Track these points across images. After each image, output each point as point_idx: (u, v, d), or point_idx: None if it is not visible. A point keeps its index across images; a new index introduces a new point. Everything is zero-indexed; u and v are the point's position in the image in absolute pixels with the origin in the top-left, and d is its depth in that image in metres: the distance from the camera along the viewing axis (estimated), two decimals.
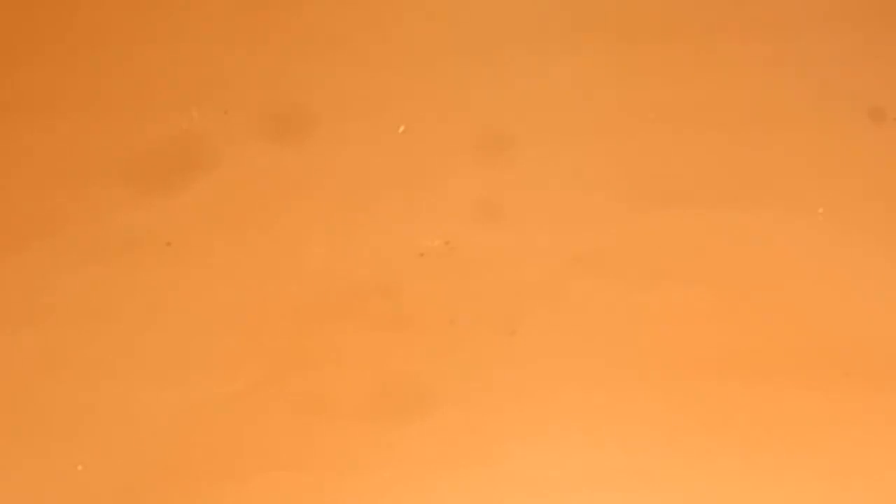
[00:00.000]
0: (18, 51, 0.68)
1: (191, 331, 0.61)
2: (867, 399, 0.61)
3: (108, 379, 0.60)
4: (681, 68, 0.69)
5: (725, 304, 0.63)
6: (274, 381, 0.60)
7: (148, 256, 0.63)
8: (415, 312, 0.62)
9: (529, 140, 0.67)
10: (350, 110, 0.64)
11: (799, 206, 0.66)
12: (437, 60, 0.69)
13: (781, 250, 0.65)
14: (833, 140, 0.68)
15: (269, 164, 0.65)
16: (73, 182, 0.64)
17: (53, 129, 0.66)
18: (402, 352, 0.61)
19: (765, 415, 0.60)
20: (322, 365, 0.61)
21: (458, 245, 0.63)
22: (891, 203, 0.66)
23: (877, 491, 0.59)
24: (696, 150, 0.67)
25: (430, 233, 0.63)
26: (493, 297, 0.63)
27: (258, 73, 0.62)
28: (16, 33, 0.68)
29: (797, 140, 0.67)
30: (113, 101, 0.67)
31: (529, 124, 0.67)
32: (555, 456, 0.59)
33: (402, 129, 0.66)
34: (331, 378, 0.60)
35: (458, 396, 0.60)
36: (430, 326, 0.62)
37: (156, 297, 0.62)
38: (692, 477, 0.59)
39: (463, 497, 0.58)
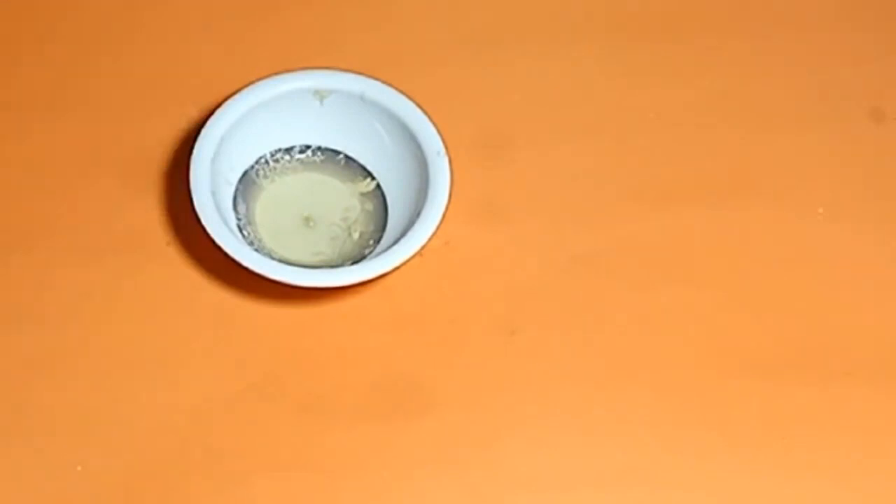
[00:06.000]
0: (19, 51, 0.68)
1: (191, 331, 0.61)
2: (868, 398, 0.61)
3: (108, 379, 0.60)
4: (681, 68, 0.69)
5: (725, 303, 0.63)
6: (274, 381, 0.60)
7: (148, 256, 0.63)
8: (415, 312, 0.62)
9: (529, 140, 0.67)
10: None
11: (799, 206, 0.66)
12: (436, 60, 0.69)
13: (781, 250, 0.65)
14: (833, 140, 0.68)
15: None
16: (72, 182, 0.64)
17: (53, 129, 0.66)
18: (402, 352, 0.61)
19: (765, 414, 0.60)
20: (322, 365, 0.61)
21: (458, 245, 0.63)
22: (891, 203, 0.66)
23: (878, 490, 0.59)
24: (696, 150, 0.67)
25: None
26: (493, 297, 0.63)
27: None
28: (16, 33, 0.68)
29: (797, 140, 0.68)
30: (112, 101, 0.67)
31: (529, 124, 0.67)
32: (555, 456, 0.59)
33: None
34: (331, 378, 0.60)
35: (458, 396, 0.60)
36: (430, 326, 0.62)
37: (156, 297, 0.62)
38: (693, 476, 0.59)
39: (463, 497, 0.59)
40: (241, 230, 0.60)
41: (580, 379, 0.61)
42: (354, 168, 0.63)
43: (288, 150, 0.63)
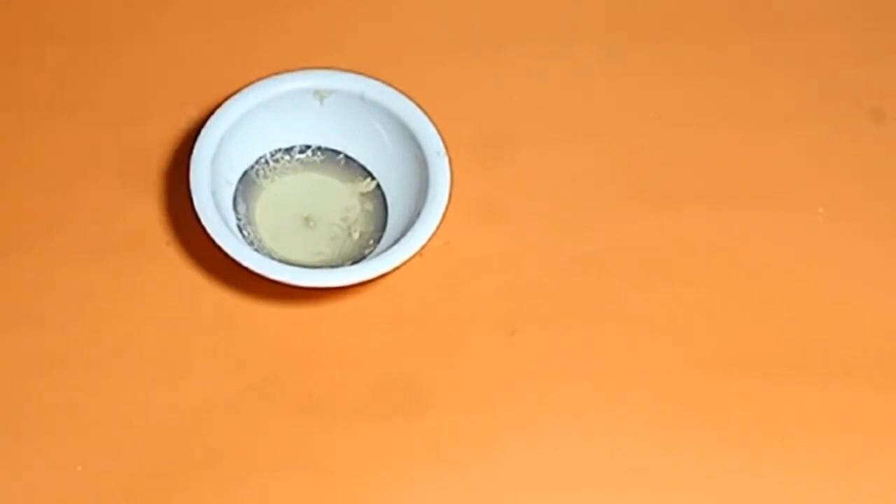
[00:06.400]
0: (19, 51, 0.68)
1: (191, 331, 0.61)
2: (868, 399, 0.61)
3: (108, 379, 0.60)
4: (681, 68, 0.69)
5: (725, 303, 0.63)
6: (274, 381, 0.60)
7: (148, 256, 0.63)
8: (415, 312, 0.62)
9: (529, 140, 0.67)
10: None
11: (799, 206, 0.66)
12: (436, 60, 0.69)
13: (781, 250, 0.65)
14: (833, 140, 0.68)
15: None
16: (72, 182, 0.64)
17: (53, 129, 0.66)
18: (402, 352, 0.61)
19: (765, 414, 0.60)
20: (322, 365, 0.61)
21: (458, 245, 0.63)
22: (891, 203, 0.66)
23: (878, 490, 0.59)
24: (696, 150, 0.67)
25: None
26: (493, 297, 0.63)
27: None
28: (16, 33, 0.68)
29: (797, 140, 0.68)
30: (112, 101, 0.67)
31: (529, 124, 0.67)
32: (555, 456, 0.59)
33: None
34: (331, 378, 0.60)
35: (458, 396, 0.60)
36: (430, 326, 0.62)
37: (156, 297, 0.62)
38: (693, 476, 0.59)
39: (463, 497, 0.58)
40: (241, 230, 0.60)
41: (580, 379, 0.61)
42: (354, 168, 0.63)
43: (288, 150, 0.63)
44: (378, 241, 0.61)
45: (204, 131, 0.60)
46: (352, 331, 0.61)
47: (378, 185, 0.63)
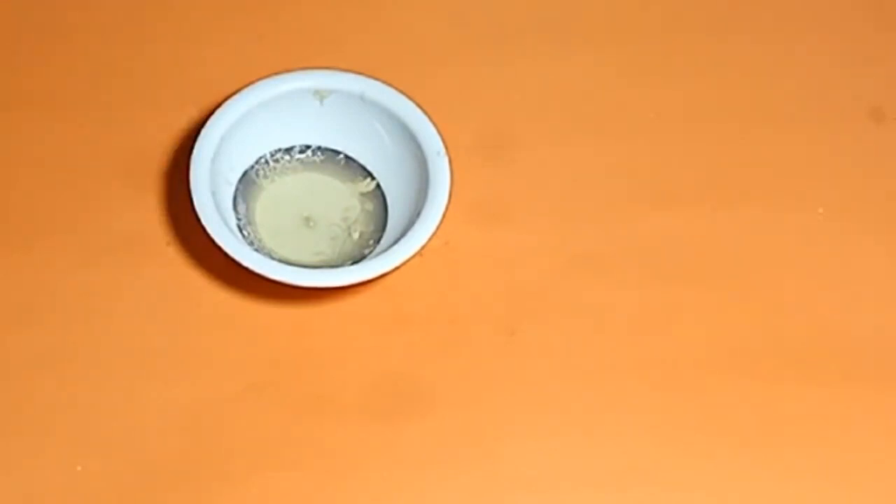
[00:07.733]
0: (19, 50, 0.68)
1: (191, 331, 0.61)
2: (867, 399, 0.61)
3: (108, 379, 0.60)
4: (681, 68, 0.69)
5: (725, 303, 0.63)
6: (274, 381, 0.60)
7: (148, 256, 0.63)
8: (415, 312, 0.62)
9: (530, 140, 0.67)
10: None
11: (799, 206, 0.66)
12: (436, 60, 0.69)
13: (781, 250, 0.65)
14: (833, 140, 0.68)
15: None
16: (72, 182, 0.64)
17: (53, 129, 0.66)
18: (402, 352, 0.61)
19: (765, 415, 0.60)
20: (322, 365, 0.61)
21: (458, 245, 0.63)
22: (891, 203, 0.66)
23: (878, 490, 0.59)
24: (696, 150, 0.67)
25: None
26: (493, 297, 0.63)
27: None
28: (16, 33, 0.68)
29: (797, 140, 0.68)
30: (113, 101, 0.67)
31: (530, 124, 0.67)
32: (555, 456, 0.59)
33: None
34: (331, 378, 0.60)
35: (458, 396, 0.60)
36: (430, 326, 0.62)
37: (156, 297, 0.62)
38: (693, 477, 0.59)
39: (463, 497, 0.58)
40: (241, 230, 0.60)
41: (580, 379, 0.61)
42: (354, 168, 0.63)
43: (288, 150, 0.63)
44: (378, 241, 0.61)
45: (204, 131, 0.60)
46: (352, 331, 0.61)
47: (378, 185, 0.63)
